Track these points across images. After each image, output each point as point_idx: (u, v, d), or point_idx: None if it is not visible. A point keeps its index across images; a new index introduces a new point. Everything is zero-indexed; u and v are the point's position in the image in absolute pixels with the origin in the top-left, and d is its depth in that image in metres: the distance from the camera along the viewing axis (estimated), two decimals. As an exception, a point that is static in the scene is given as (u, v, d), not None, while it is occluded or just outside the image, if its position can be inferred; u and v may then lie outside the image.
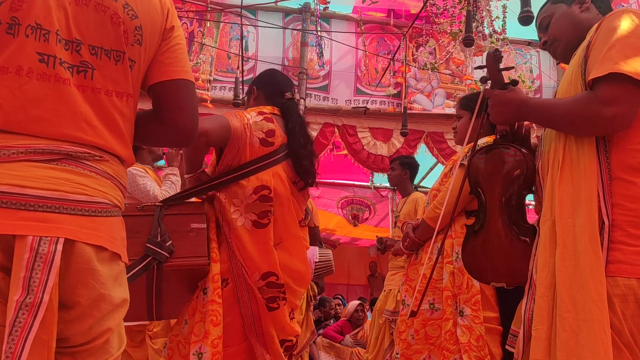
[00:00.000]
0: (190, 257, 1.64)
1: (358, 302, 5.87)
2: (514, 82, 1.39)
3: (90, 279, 0.94)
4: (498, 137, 1.49)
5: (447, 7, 4.65)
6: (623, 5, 4.57)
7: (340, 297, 7.83)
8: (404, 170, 3.91)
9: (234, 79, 4.58)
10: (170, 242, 1.63)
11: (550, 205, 1.24)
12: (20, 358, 0.86)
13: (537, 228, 1.33)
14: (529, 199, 1.55)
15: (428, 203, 2.32)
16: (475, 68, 1.55)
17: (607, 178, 1.16)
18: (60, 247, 0.89)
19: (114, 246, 0.99)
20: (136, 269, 1.56)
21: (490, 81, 1.42)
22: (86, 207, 0.95)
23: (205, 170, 1.84)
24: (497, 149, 1.48)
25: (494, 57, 1.41)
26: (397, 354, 2.23)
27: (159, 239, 1.62)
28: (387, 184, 7.38)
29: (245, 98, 2.16)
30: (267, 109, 1.91)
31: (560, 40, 1.44)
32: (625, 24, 1.19)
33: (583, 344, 1.06)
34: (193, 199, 1.83)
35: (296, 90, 5.19)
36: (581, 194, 1.17)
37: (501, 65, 1.42)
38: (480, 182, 1.51)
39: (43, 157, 0.93)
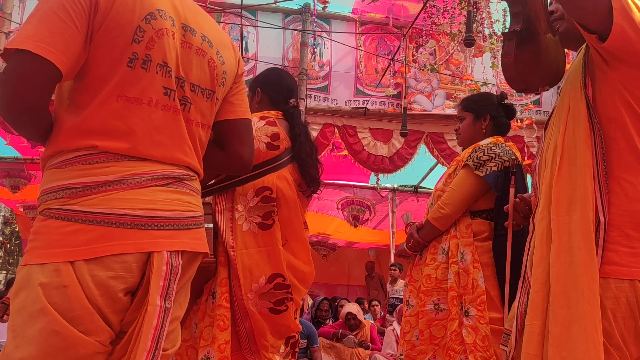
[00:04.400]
0: None
1: (350, 309, 5.60)
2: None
3: (182, 277, 1.13)
4: None
5: (447, 8, 4.65)
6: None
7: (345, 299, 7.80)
8: None
9: (234, 80, 4.57)
10: None
11: (547, 203, 1.23)
12: (160, 355, 1.05)
13: (533, 224, 1.32)
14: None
15: (432, 204, 2.32)
16: None
17: (604, 176, 1.15)
18: (181, 260, 1.10)
19: (207, 249, 1.21)
20: None
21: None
22: (193, 222, 1.15)
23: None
24: None
25: None
26: (402, 354, 2.22)
27: None
28: (388, 185, 7.40)
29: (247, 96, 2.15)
30: (271, 114, 1.91)
31: (565, 20, 1.33)
32: None
33: (574, 339, 1.07)
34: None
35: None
36: (577, 192, 1.16)
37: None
38: None
39: (163, 181, 1.11)
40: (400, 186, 7.45)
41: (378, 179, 6.79)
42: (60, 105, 1.10)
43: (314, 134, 5.23)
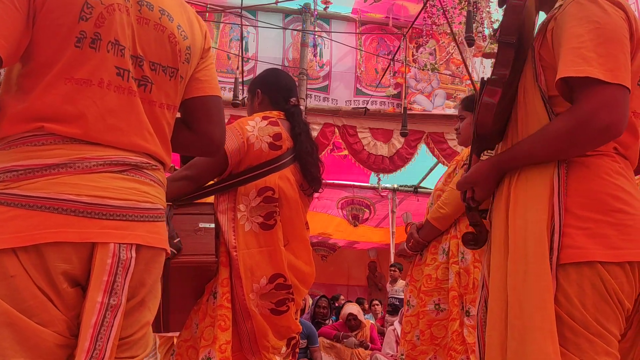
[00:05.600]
0: (198, 255, 1.66)
1: (350, 310, 5.59)
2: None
3: (147, 277, 1.06)
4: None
5: (447, 9, 4.65)
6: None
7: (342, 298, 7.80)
8: None
9: (233, 80, 4.58)
10: (179, 239, 1.64)
11: (504, 205, 1.18)
12: (105, 356, 0.96)
13: (490, 223, 1.27)
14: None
15: (432, 203, 2.31)
16: None
17: (564, 165, 1.11)
18: (134, 253, 1.01)
19: (167, 246, 1.12)
20: None
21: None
22: (151, 214, 1.06)
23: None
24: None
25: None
26: (402, 355, 2.22)
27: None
28: (388, 185, 7.40)
29: (247, 98, 2.14)
30: (272, 114, 1.91)
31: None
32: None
33: (529, 353, 1.02)
34: (203, 200, 1.84)
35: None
36: (535, 189, 1.12)
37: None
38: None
39: (117, 168, 1.02)
40: (400, 186, 7.45)
41: (379, 180, 6.79)
42: (7, 91, 1.03)
43: (314, 134, 5.23)
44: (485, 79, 1.24)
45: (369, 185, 7.39)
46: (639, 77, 1.15)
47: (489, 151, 1.35)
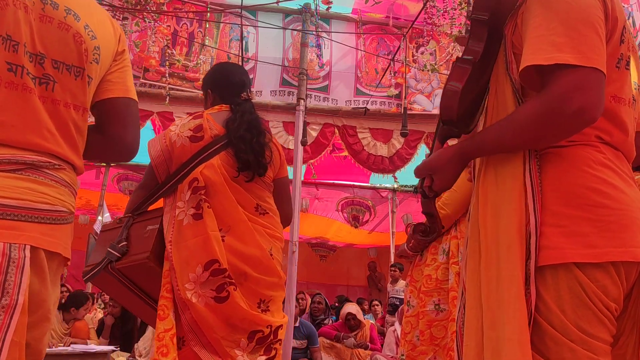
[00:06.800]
0: (135, 255, 1.80)
1: (350, 310, 5.56)
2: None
3: (42, 283, 1.02)
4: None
5: (448, 9, 4.65)
6: (624, 6, 4.58)
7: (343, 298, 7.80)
8: None
9: (234, 80, 4.57)
10: (125, 243, 1.81)
11: (475, 204, 1.12)
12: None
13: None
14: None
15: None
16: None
17: (535, 159, 1.02)
18: (28, 253, 0.97)
19: (67, 252, 1.08)
20: (95, 270, 1.81)
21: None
22: (47, 215, 1.03)
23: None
24: None
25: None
26: (403, 355, 2.22)
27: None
28: (388, 185, 7.41)
29: (203, 99, 2.15)
30: (214, 108, 1.96)
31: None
32: None
33: None
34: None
35: (296, 90, 5.22)
36: (506, 187, 1.04)
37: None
38: None
39: (10, 167, 0.99)
40: (401, 186, 7.45)
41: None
42: None
43: (314, 134, 5.23)
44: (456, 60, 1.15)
45: (369, 185, 7.39)
46: (616, 59, 1.06)
47: (453, 139, 1.24)
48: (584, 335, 0.94)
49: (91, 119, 1.20)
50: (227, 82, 2.02)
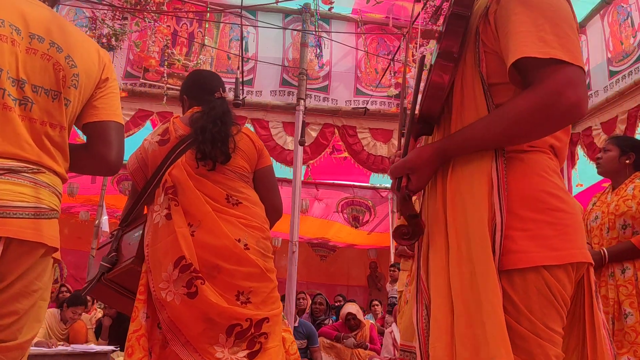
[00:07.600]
0: (123, 262, 1.90)
1: (350, 309, 5.55)
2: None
3: (15, 268, 1.17)
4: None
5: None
6: (623, 6, 4.57)
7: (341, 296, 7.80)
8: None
9: (234, 80, 4.58)
10: (114, 254, 1.92)
11: (441, 201, 1.10)
12: None
13: (422, 222, 1.16)
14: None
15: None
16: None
17: (502, 158, 1.04)
18: (1, 246, 1.13)
19: (52, 242, 1.24)
20: (90, 284, 1.94)
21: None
22: (26, 211, 1.18)
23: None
24: None
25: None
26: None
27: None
28: (388, 185, 7.40)
29: (181, 105, 2.20)
30: (187, 112, 2.03)
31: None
32: None
33: None
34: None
35: (296, 90, 5.23)
36: (473, 184, 1.04)
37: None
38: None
39: None
40: (400, 186, 7.44)
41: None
42: None
43: (314, 134, 5.23)
44: (423, 55, 1.12)
45: (369, 185, 7.40)
46: None
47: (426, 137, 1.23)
48: (549, 331, 0.99)
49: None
50: (200, 87, 2.09)
